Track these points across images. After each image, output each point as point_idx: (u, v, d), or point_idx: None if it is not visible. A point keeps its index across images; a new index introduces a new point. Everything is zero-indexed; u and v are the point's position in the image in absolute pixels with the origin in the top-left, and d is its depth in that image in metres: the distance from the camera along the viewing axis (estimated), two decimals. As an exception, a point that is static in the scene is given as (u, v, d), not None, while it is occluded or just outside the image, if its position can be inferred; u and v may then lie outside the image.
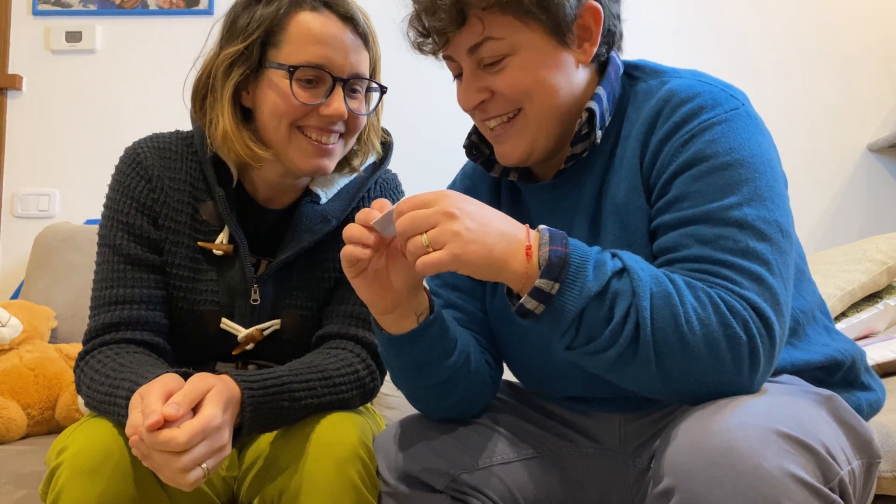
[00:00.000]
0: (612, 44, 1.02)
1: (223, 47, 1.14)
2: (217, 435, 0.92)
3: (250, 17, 1.12)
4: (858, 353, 1.02)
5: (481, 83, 0.98)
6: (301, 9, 1.12)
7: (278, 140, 1.13)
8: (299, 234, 1.18)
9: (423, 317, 0.95)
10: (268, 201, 1.22)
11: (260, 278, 1.17)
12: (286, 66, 1.10)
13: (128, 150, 1.21)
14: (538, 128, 0.98)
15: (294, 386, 1.05)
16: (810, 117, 2.31)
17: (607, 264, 0.82)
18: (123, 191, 1.17)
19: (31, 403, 1.72)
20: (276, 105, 1.11)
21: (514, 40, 0.95)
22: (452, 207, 0.81)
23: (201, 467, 0.90)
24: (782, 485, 0.69)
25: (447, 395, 1.02)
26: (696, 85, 0.94)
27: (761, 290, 0.82)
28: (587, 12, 0.96)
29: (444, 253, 0.80)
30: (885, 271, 1.75)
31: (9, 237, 2.39)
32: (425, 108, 2.25)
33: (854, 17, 2.32)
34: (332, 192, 1.22)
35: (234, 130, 1.12)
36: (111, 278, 1.14)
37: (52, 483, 0.98)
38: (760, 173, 0.88)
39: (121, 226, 1.15)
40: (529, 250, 0.82)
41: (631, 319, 0.80)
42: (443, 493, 1.00)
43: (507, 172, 1.07)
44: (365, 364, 1.15)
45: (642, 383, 0.84)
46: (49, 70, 2.42)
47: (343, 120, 1.13)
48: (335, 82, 1.11)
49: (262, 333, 1.18)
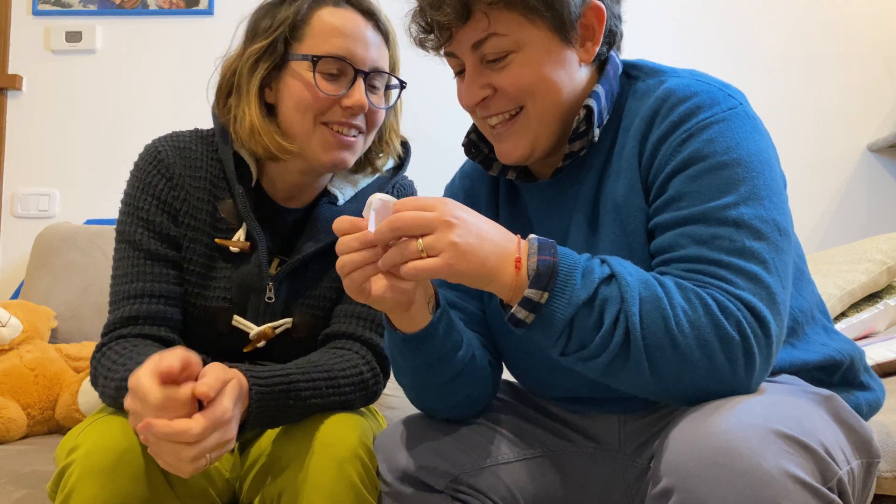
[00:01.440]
0: (613, 43, 1.02)
1: (247, 46, 1.17)
2: (227, 428, 0.92)
3: (273, 17, 1.15)
4: (857, 352, 1.02)
5: (484, 80, 0.98)
6: (324, 4, 1.15)
7: (302, 133, 1.14)
8: (316, 234, 1.19)
9: (431, 303, 0.95)
10: (286, 200, 1.23)
11: (276, 276, 1.18)
12: (310, 57, 1.12)
13: (148, 147, 1.21)
14: (540, 126, 0.98)
15: (301, 385, 1.05)
16: (810, 117, 2.31)
17: (595, 271, 0.82)
18: (144, 188, 1.17)
19: (31, 403, 1.72)
20: (300, 97, 1.13)
21: (518, 37, 0.95)
22: (451, 216, 0.81)
23: (205, 457, 0.90)
24: (781, 485, 0.69)
25: (455, 391, 1.02)
26: (693, 84, 0.94)
27: (757, 289, 0.82)
28: (591, 11, 0.97)
29: (439, 262, 0.80)
30: (885, 271, 1.75)
31: (9, 237, 2.40)
32: (425, 107, 2.25)
33: (854, 17, 2.32)
34: (351, 194, 1.24)
35: (262, 124, 1.14)
36: (132, 273, 1.15)
37: (62, 482, 0.98)
38: (758, 172, 0.88)
39: (141, 222, 1.16)
40: (519, 263, 0.82)
41: (621, 325, 0.80)
42: (443, 493, 1.00)
43: (506, 171, 1.07)
44: (370, 367, 1.15)
45: (638, 387, 0.84)
46: (49, 70, 2.42)
47: (364, 112, 1.15)
48: (357, 74, 1.13)
49: (273, 331, 1.19)
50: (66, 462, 0.99)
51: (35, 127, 2.41)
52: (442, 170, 1.45)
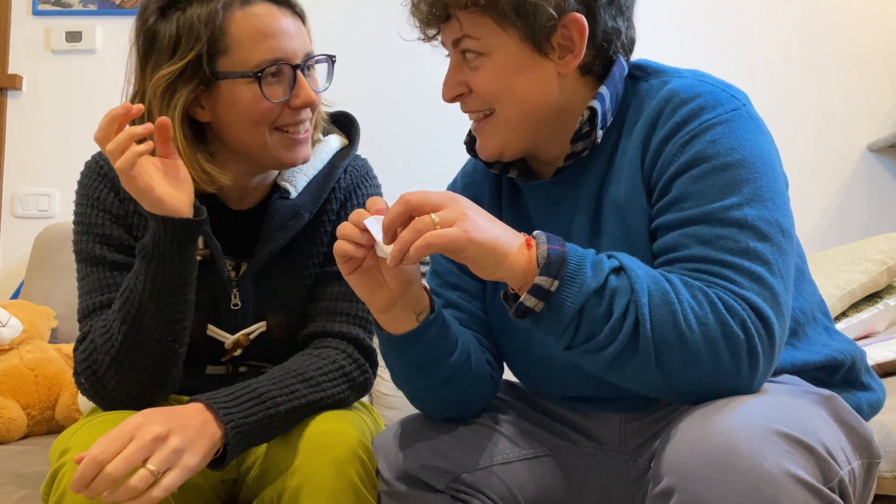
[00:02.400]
0: (612, 52, 1.00)
1: (152, 67, 1.08)
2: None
3: (176, 28, 1.06)
4: (858, 353, 1.02)
5: (461, 77, 0.99)
6: (234, 7, 1.07)
7: (257, 145, 1.11)
8: (272, 232, 1.16)
9: (422, 316, 0.95)
10: (238, 202, 1.20)
11: (238, 281, 1.16)
12: (249, 74, 1.07)
13: (89, 164, 1.19)
14: (508, 130, 0.99)
15: (273, 393, 1.04)
16: (810, 117, 2.30)
17: (605, 263, 0.83)
18: (93, 204, 1.16)
19: (31, 403, 1.72)
20: (249, 113, 1.08)
21: (489, 42, 0.95)
22: (458, 197, 0.83)
23: (147, 467, 0.89)
24: (782, 485, 0.69)
25: (448, 394, 1.02)
26: (697, 85, 0.94)
27: (761, 290, 0.82)
28: (571, 24, 0.94)
29: (457, 230, 0.79)
30: (885, 271, 1.75)
31: (9, 237, 2.39)
32: (423, 106, 2.25)
33: (854, 17, 2.32)
34: (302, 185, 1.20)
35: (189, 154, 1.08)
36: (98, 287, 1.13)
37: (55, 484, 0.97)
38: (761, 173, 0.88)
39: (97, 238, 1.14)
40: (529, 243, 0.83)
41: (630, 316, 0.80)
42: (443, 492, 1.00)
43: (507, 169, 1.07)
44: (351, 359, 1.14)
45: (642, 382, 0.84)
46: (49, 70, 2.41)
47: (313, 106, 1.13)
48: (294, 70, 1.10)
49: (248, 338, 1.18)
50: (58, 464, 0.99)
51: (35, 127, 2.41)
52: (442, 170, 1.46)
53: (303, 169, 1.20)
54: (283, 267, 1.19)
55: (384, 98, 2.30)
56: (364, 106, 1.57)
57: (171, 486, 0.90)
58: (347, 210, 1.21)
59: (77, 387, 1.12)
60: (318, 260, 1.20)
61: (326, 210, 1.21)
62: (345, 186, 1.23)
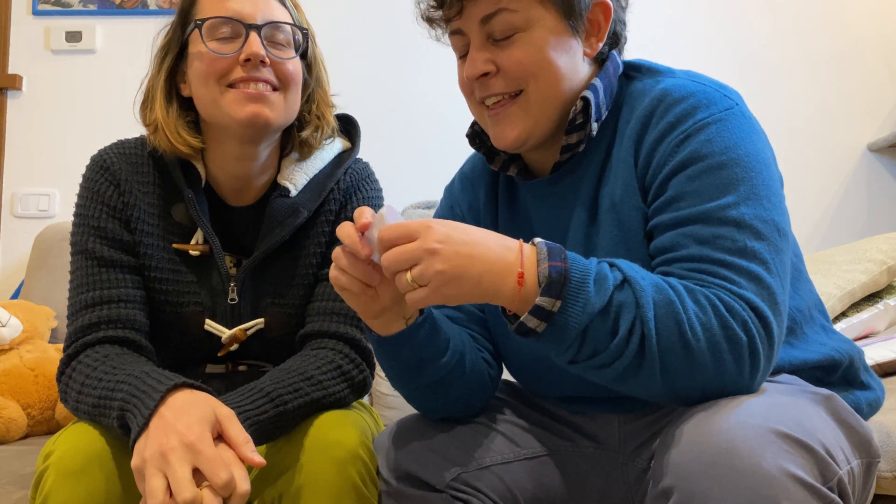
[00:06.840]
0: (615, 45, 1.03)
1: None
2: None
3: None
4: (856, 352, 1.02)
5: (489, 55, 0.97)
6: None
7: (212, 103, 1.13)
8: (271, 229, 1.17)
9: (412, 320, 0.95)
10: (236, 198, 1.21)
11: (237, 277, 1.17)
12: (194, 22, 1.13)
13: (94, 157, 1.21)
14: (539, 111, 0.98)
15: (280, 391, 1.05)
16: (810, 117, 2.31)
17: (608, 277, 0.81)
18: (93, 196, 1.17)
19: (31, 403, 1.72)
20: (199, 69, 1.13)
21: (528, 15, 0.95)
22: (435, 242, 0.79)
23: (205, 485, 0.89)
24: (781, 484, 0.69)
25: (442, 394, 1.02)
26: (689, 85, 0.94)
27: (759, 289, 0.82)
28: (599, 7, 0.98)
29: (429, 291, 0.79)
30: (885, 271, 1.75)
31: (9, 237, 2.39)
32: (423, 106, 2.26)
33: (854, 17, 2.32)
34: (302, 183, 1.21)
35: (164, 117, 1.14)
36: (87, 283, 1.15)
37: (39, 486, 0.98)
38: (756, 172, 0.88)
39: (92, 230, 1.16)
40: (521, 277, 0.80)
41: (636, 332, 0.79)
42: (443, 492, 1.00)
43: (507, 166, 1.07)
44: (349, 359, 1.14)
45: (645, 391, 0.84)
46: (49, 70, 2.42)
47: (263, 61, 1.11)
48: (248, 30, 1.11)
49: (245, 333, 1.18)
50: (42, 467, 0.99)
51: (35, 127, 2.41)
52: (441, 169, 1.46)
53: (303, 168, 1.21)
54: (281, 264, 1.19)
55: (384, 98, 2.30)
56: (364, 106, 1.58)
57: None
58: (347, 211, 1.22)
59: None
60: (317, 260, 1.20)
61: (325, 210, 1.21)
62: (344, 188, 1.23)
